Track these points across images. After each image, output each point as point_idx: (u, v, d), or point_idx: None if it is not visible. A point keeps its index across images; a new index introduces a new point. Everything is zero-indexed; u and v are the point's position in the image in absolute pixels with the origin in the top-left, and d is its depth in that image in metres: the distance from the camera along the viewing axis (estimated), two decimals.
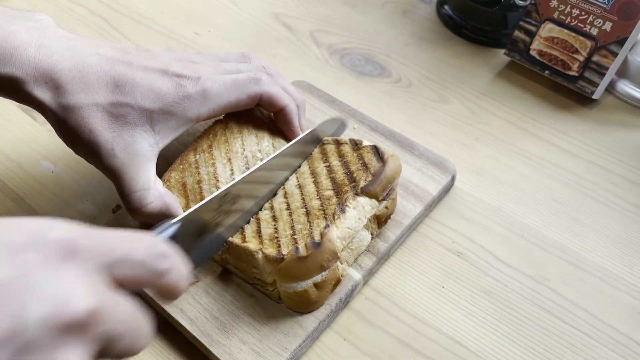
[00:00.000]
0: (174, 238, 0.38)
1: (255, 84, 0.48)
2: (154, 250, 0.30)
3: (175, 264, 0.32)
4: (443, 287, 0.48)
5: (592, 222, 0.53)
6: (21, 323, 0.23)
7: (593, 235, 0.52)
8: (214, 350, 0.43)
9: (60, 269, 0.25)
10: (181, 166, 0.49)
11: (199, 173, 0.48)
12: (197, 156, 0.49)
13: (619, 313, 0.47)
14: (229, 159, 0.49)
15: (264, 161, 0.47)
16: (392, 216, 0.50)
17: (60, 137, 0.44)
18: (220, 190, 0.43)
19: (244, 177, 0.45)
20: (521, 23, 0.64)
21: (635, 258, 0.50)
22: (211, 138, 0.51)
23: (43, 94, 0.42)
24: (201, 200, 0.46)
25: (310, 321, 0.44)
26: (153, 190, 0.44)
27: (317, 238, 0.43)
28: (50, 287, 0.25)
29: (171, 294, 0.32)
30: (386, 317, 0.46)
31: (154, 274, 0.30)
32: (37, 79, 0.41)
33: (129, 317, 0.28)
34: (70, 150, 0.58)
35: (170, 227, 0.37)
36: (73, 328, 0.25)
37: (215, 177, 0.48)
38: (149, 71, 0.44)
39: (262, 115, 0.53)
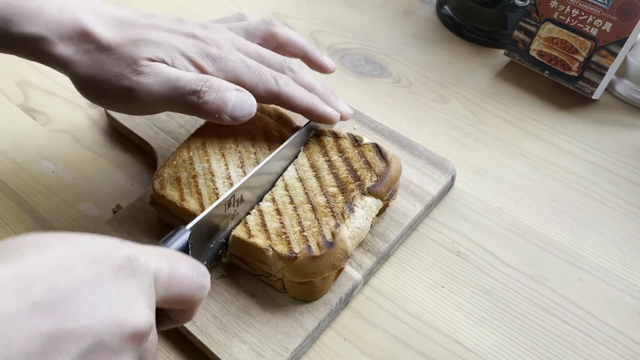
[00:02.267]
0: (186, 246, 0.39)
1: (275, 84, 0.47)
2: (198, 269, 0.33)
3: (209, 280, 0.34)
4: (443, 287, 0.48)
5: (592, 222, 0.53)
6: (94, 323, 0.26)
7: (593, 235, 0.52)
8: (214, 350, 0.43)
9: (127, 282, 0.28)
10: (174, 162, 0.49)
11: (193, 169, 0.48)
12: (191, 153, 0.50)
13: (619, 313, 0.47)
14: (223, 155, 0.49)
15: (268, 157, 0.47)
16: (392, 216, 0.50)
17: (84, 91, 0.45)
18: (226, 194, 0.43)
19: (249, 177, 0.45)
20: (521, 23, 0.64)
21: (635, 258, 0.50)
22: (204, 135, 0.51)
23: (67, 49, 0.43)
24: (197, 193, 0.47)
25: (310, 321, 0.44)
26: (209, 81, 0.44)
27: (328, 237, 0.43)
28: (121, 297, 0.27)
29: (195, 312, 0.34)
30: (386, 317, 0.46)
31: (197, 289, 0.32)
32: (62, 35, 0.43)
33: (156, 342, 0.31)
34: (71, 150, 0.58)
35: (182, 236, 0.39)
36: (133, 338, 0.27)
37: (210, 172, 0.48)
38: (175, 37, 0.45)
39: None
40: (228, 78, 0.46)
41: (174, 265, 0.31)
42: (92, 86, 0.44)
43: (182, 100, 0.43)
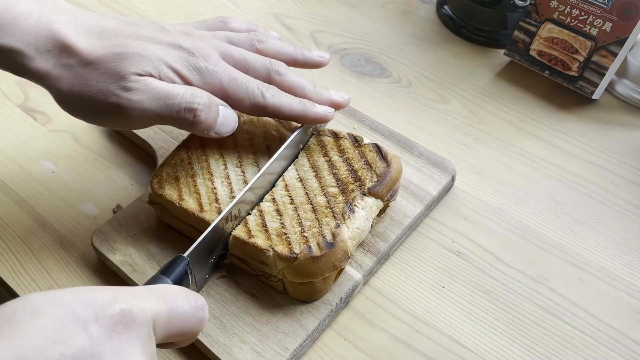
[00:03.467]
0: (185, 272, 0.40)
1: (261, 97, 0.46)
2: (195, 303, 0.33)
3: (207, 312, 0.34)
4: (443, 286, 0.48)
5: (592, 222, 0.53)
6: None
7: (593, 235, 0.52)
8: (215, 350, 0.43)
9: (122, 339, 0.28)
10: (173, 161, 0.49)
11: (192, 168, 0.48)
12: (190, 152, 0.50)
13: (619, 313, 0.47)
14: (222, 155, 0.49)
15: (264, 167, 0.47)
16: (392, 216, 0.50)
17: (67, 107, 0.43)
18: (221, 216, 0.44)
19: (244, 193, 0.45)
20: (521, 23, 0.64)
21: (635, 258, 0.50)
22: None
23: (46, 62, 0.41)
24: (196, 193, 0.47)
25: (310, 321, 0.44)
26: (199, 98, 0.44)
27: (329, 238, 0.43)
28: (114, 357, 0.28)
29: (195, 337, 0.35)
30: (386, 317, 0.46)
31: (195, 323, 0.33)
32: (39, 48, 0.41)
33: None
34: (71, 150, 0.58)
35: (181, 264, 0.39)
36: None
37: (209, 172, 0.48)
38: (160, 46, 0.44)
39: None
40: (214, 91, 0.45)
41: (172, 305, 0.32)
42: (76, 102, 0.42)
43: (176, 116, 0.43)
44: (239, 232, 0.45)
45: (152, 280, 0.38)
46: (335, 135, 0.51)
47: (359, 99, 0.64)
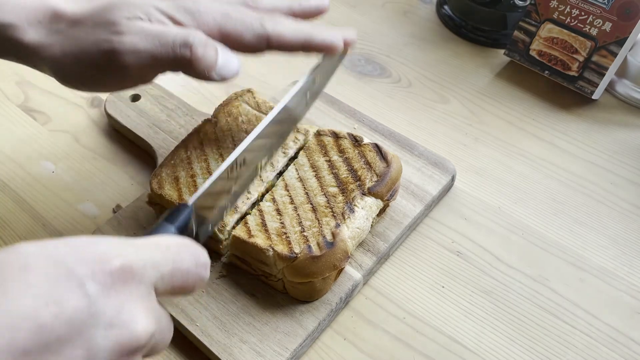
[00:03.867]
0: (189, 221, 0.37)
1: (261, 27, 0.42)
2: (199, 260, 0.31)
3: (208, 270, 0.33)
4: (443, 286, 0.48)
5: (592, 222, 0.53)
6: (93, 353, 0.25)
7: (593, 235, 0.52)
8: (215, 350, 0.43)
9: (120, 297, 0.26)
10: (172, 161, 0.49)
11: (191, 168, 0.48)
12: (189, 152, 0.50)
13: (619, 313, 0.47)
14: (221, 155, 0.49)
15: (259, 126, 0.43)
16: (392, 216, 0.50)
17: (63, 72, 0.42)
18: (227, 163, 0.41)
19: (249, 143, 0.42)
20: (521, 23, 0.64)
21: (635, 258, 0.50)
22: (201, 135, 0.51)
23: (37, 33, 0.40)
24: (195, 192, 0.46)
25: (310, 321, 0.44)
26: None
27: (328, 237, 0.43)
28: (114, 316, 0.26)
29: (194, 292, 0.34)
30: (386, 317, 0.46)
31: (197, 281, 0.31)
32: (30, 21, 0.40)
33: (167, 327, 0.30)
34: (70, 150, 0.58)
35: (184, 213, 0.37)
36: (135, 352, 0.27)
37: (208, 172, 0.48)
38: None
39: (251, 106, 0.53)
40: (210, 31, 0.42)
41: (176, 261, 0.30)
42: (70, 65, 0.41)
43: (173, 55, 0.40)
44: (239, 231, 0.45)
45: (156, 229, 0.36)
46: (335, 135, 0.51)
47: (359, 99, 0.64)
